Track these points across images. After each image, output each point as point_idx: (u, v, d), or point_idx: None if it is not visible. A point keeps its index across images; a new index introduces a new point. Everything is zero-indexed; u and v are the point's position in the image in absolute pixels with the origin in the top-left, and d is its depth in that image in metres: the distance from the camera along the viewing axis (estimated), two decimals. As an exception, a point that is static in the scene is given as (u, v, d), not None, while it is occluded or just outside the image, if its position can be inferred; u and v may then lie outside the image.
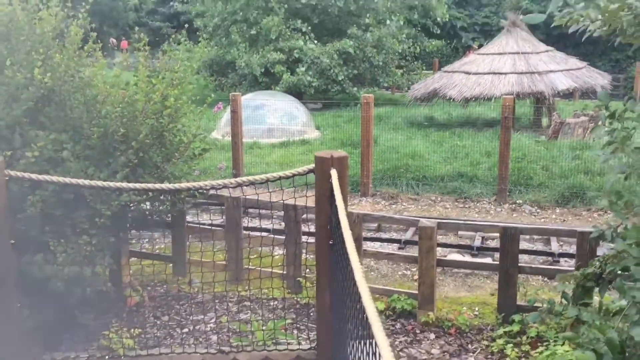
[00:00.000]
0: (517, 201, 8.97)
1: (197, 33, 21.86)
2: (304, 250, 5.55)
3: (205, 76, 21.44)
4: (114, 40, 10.55)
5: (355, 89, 19.18)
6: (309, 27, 18.99)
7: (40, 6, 4.56)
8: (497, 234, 5.39)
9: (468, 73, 14.62)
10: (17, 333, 3.84)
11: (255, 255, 5.66)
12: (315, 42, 18.95)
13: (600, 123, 2.92)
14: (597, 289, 3.05)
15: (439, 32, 23.45)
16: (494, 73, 14.25)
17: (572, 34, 2.94)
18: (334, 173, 3.72)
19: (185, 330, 5.07)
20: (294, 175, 4.10)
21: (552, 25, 3.14)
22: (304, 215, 5.60)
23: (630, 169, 2.95)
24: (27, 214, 4.03)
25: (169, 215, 5.67)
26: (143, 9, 42.84)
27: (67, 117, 4.38)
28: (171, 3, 34.94)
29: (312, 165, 3.91)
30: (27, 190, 4.05)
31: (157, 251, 6.61)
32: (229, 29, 19.73)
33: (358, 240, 5.27)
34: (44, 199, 4.09)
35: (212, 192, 5.55)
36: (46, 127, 4.36)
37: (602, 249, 5.19)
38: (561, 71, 14.17)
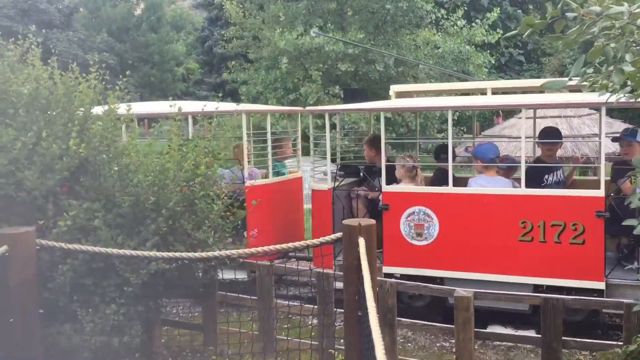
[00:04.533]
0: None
1: (241, 101, 22.51)
2: (338, 321, 5.38)
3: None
4: None
5: (394, 151, 19.15)
6: (347, 93, 19.25)
7: (80, 79, 4.74)
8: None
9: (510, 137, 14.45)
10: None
11: (288, 325, 5.52)
12: (353, 107, 19.15)
13: None
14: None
15: (479, 96, 23.45)
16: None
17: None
18: (361, 241, 3.63)
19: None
20: (321, 244, 4.02)
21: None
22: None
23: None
24: (56, 283, 4.05)
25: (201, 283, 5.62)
26: (191, 79, 44.60)
27: (101, 186, 4.45)
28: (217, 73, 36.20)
29: (340, 234, 3.84)
30: (58, 259, 4.09)
31: (191, 319, 6.53)
32: (267, 95, 20.20)
33: (392, 311, 5.08)
34: (74, 268, 4.11)
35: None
36: (80, 196, 4.43)
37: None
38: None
